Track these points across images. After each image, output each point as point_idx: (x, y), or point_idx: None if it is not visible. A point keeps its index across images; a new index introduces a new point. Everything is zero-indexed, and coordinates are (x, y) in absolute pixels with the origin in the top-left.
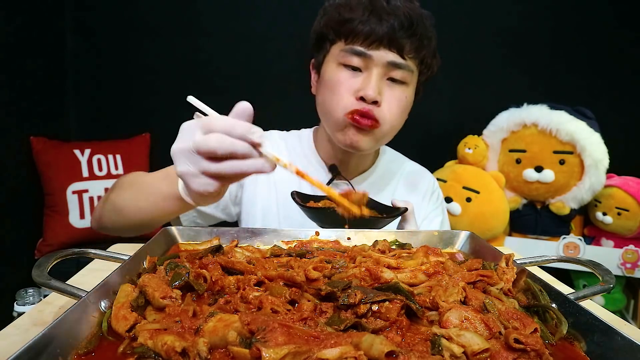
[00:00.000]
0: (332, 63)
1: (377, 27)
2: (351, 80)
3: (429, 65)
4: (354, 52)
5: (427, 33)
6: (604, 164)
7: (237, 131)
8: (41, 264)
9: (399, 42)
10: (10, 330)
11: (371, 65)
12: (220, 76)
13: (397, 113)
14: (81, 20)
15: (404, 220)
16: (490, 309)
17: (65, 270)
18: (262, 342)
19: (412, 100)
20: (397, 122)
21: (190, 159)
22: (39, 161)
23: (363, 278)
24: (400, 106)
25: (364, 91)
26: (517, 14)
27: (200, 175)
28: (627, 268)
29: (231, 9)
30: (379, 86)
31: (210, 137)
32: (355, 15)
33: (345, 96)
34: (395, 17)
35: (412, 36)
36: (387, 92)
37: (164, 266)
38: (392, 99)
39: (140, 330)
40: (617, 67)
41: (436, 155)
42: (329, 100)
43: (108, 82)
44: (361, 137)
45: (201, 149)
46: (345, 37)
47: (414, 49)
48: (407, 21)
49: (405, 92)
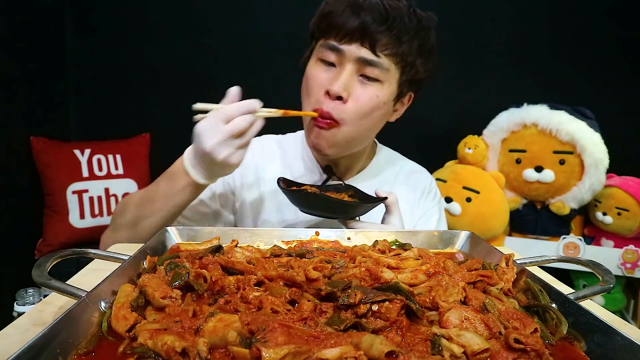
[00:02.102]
0: (313, 59)
1: (349, 21)
2: (323, 75)
3: (411, 64)
4: (328, 46)
5: (408, 29)
6: (604, 164)
7: (245, 109)
8: (41, 264)
9: (371, 36)
10: (10, 330)
11: (344, 61)
12: (220, 76)
13: (365, 112)
14: (81, 21)
15: (388, 212)
16: (490, 309)
17: (65, 270)
18: (262, 342)
19: (387, 101)
20: (365, 122)
21: (228, 144)
22: (39, 161)
23: (363, 278)
24: (370, 105)
25: (330, 86)
26: (517, 14)
27: (237, 151)
28: (627, 268)
29: (231, 9)
30: (347, 82)
31: (236, 122)
32: (332, 9)
33: (315, 91)
34: (370, 12)
35: (386, 31)
36: (358, 89)
37: (164, 266)
38: (362, 97)
39: (140, 330)
40: (617, 67)
41: (436, 155)
42: (303, 96)
43: (108, 82)
44: (320, 138)
45: (234, 133)
46: (323, 33)
47: (389, 45)
48: (382, 16)
49: (378, 91)
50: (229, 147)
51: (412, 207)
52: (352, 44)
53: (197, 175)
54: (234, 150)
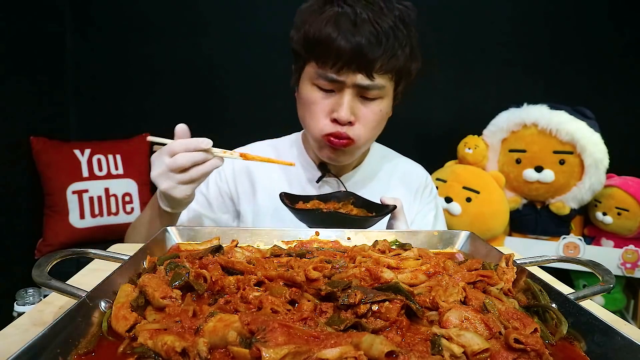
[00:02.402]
0: (307, 82)
1: (344, 49)
2: (324, 101)
3: (406, 70)
4: (323, 76)
5: (401, 42)
6: (604, 164)
7: (191, 146)
8: (41, 264)
9: (367, 63)
10: (10, 330)
11: (343, 87)
12: (220, 76)
13: (373, 127)
14: (81, 20)
15: (394, 217)
16: (490, 309)
17: (65, 270)
18: (262, 342)
19: (389, 109)
20: (374, 134)
21: (168, 177)
22: (39, 161)
23: (363, 278)
24: (376, 120)
25: (337, 114)
26: (518, 14)
27: (178, 185)
28: (627, 268)
29: (232, 9)
30: (351, 107)
31: (176, 158)
32: (324, 35)
33: (321, 118)
34: (363, 35)
35: (382, 53)
36: (362, 109)
37: (164, 266)
38: (367, 116)
39: (140, 330)
40: (617, 67)
41: (436, 155)
42: (307, 119)
43: (108, 82)
44: (338, 154)
45: (172, 167)
46: (315, 58)
47: (384, 66)
48: (374, 38)
49: (380, 106)
50: (169, 180)
51: (408, 204)
52: (348, 72)
53: (161, 202)
54: (174, 184)
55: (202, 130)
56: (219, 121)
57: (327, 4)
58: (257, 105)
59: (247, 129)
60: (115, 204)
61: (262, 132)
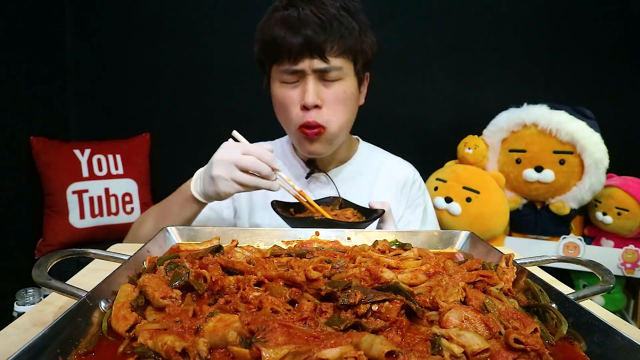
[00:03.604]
0: (275, 82)
1: (293, 43)
2: (292, 92)
3: (360, 50)
4: (285, 71)
5: (347, 25)
6: (604, 164)
7: (265, 158)
8: (41, 264)
9: (318, 49)
10: (10, 330)
11: (304, 75)
12: (220, 76)
13: (342, 109)
14: (81, 21)
15: (382, 221)
16: (490, 309)
17: (65, 270)
18: (262, 342)
19: (354, 90)
20: (345, 117)
21: (227, 168)
22: (39, 161)
23: (363, 278)
24: (343, 101)
25: (304, 100)
26: (518, 14)
27: (230, 180)
28: (627, 268)
29: (232, 9)
30: (315, 91)
31: (248, 157)
32: (275, 35)
33: (292, 109)
34: (308, 26)
35: (329, 37)
36: (325, 92)
37: (164, 266)
38: (332, 99)
39: (140, 330)
40: (617, 67)
41: (436, 155)
42: (283, 117)
43: (108, 82)
44: (315, 146)
45: (239, 164)
46: (274, 59)
47: (335, 47)
48: (319, 26)
49: (342, 87)
50: (226, 170)
51: (396, 199)
52: (304, 60)
53: (197, 186)
54: (228, 176)
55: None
56: (218, 121)
57: (275, 11)
58: (257, 106)
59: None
60: (115, 204)
61: (262, 132)
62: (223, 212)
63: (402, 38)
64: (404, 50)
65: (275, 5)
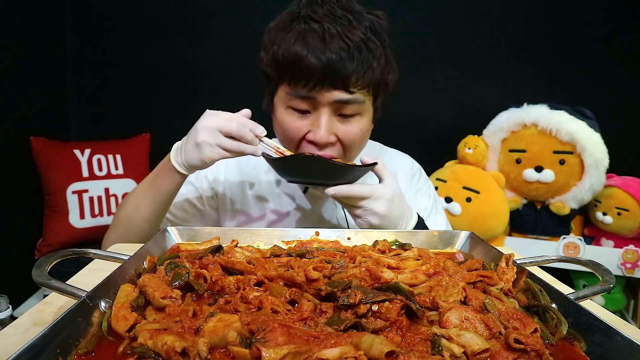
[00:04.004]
0: (280, 105)
1: (315, 66)
2: (301, 123)
3: (383, 82)
4: (298, 96)
5: (375, 52)
6: (604, 164)
7: (248, 124)
8: (41, 264)
9: (342, 77)
10: (10, 330)
11: (318, 106)
12: (220, 76)
13: (356, 147)
14: (81, 20)
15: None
16: (490, 309)
17: (65, 270)
18: (262, 342)
19: (370, 125)
20: (358, 152)
21: (212, 133)
22: (39, 161)
23: (363, 278)
24: (357, 139)
25: (314, 135)
26: (518, 14)
27: (214, 145)
28: (627, 268)
29: (231, 9)
30: (329, 126)
31: (232, 123)
32: (293, 53)
33: (299, 141)
34: (334, 50)
35: (356, 67)
36: (341, 128)
37: (164, 266)
38: (347, 137)
39: (140, 330)
40: (617, 67)
41: (436, 155)
42: (286, 144)
43: (108, 82)
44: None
45: (223, 130)
46: (286, 80)
47: (361, 78)
48: (345, 53)
49: (359, 124)
50: (210, 136)
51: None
52: (324, 88)
53: (179, 156)
54: (212, 141)
55: None
56: None
57: (294, 21)
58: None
59: None
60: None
61: None
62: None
63: (402, 38)
64: (404, 50)
65: (292, 12)
